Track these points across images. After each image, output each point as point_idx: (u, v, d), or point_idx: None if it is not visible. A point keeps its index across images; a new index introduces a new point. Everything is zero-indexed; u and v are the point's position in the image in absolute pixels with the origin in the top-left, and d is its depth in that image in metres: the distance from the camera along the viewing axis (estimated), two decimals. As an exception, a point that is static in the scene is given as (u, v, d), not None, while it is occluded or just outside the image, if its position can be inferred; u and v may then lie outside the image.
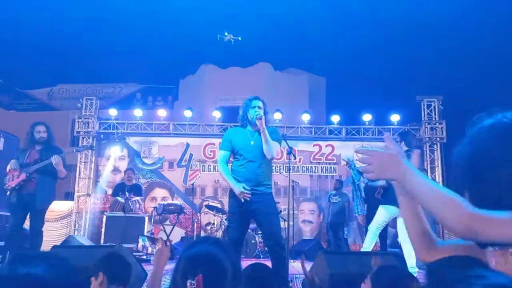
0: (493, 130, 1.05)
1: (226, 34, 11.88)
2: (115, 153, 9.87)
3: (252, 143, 3.71)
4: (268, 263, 4.01)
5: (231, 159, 3.82)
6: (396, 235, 8.23)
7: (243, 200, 3.49)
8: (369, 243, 5.17)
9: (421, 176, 1.06)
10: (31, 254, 1.28)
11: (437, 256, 1.13)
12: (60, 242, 7.02)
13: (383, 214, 5.17)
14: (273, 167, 9.70)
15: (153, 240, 6.76)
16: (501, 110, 1.08)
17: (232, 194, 3.67)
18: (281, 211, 7.44)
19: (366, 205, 6.83)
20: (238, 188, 3.50)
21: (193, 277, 1.18)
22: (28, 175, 4.74)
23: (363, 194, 6.87)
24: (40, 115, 13.81)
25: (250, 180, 3.59)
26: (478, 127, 1.10)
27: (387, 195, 5.15)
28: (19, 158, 4.89)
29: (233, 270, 1.25)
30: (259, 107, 3.74)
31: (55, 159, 4.70)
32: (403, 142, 5.32)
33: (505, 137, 1.02)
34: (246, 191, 3.49)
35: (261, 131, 3.64)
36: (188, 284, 1.18)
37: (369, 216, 6.14)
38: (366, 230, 7.82)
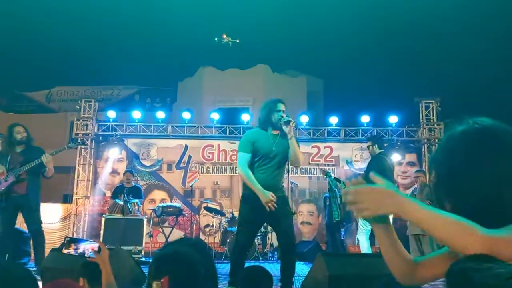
0: (465, 136, 1.03)
1: (224, 36, 11.92)
2: (113, 155, 9.87)
3: (274, 148, 3.55)
4: (266, 265, 4.01)
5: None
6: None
7: (268, 209, 3.34)
8: (365, 249, 5.21)
9: (422, 205, 0.99)
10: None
11: (424, 273, 1.10)
12: (59, 245, 7.00)
13: (362, 219, 5.23)
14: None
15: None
16: (472, 117, 1.07)
17: (247, 200, 3.50)
18: (294, 213, 7.47)
19: (344, 211, 7.00)
20: (266, 197, 3.32)
21: (159, 277, 1.15)
22: (17, 176, 4.72)
23: (338, 201, 7.03)
24: (39, 117, 13.82)
25: (270, 186, 3.44)
26: (449, 135, 1.07)
27: None
28: (1, 161, 4.84)
29: (205, 271, 1.21)
30: (283, 111, 3.61)
31: (46, 157, 4.70)
32: (376, 145, 5.44)
33: (477, 143, 1.00)
34: (273, 200, 3.33)
35: (290, 138, 3.52)
36: (154, 285, 1.16)
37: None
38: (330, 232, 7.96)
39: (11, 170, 4.76)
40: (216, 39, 12.06)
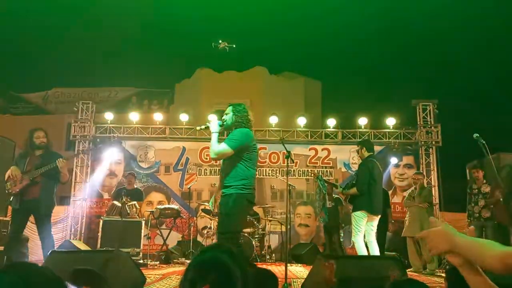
0: None
1: (220, 41, 11.96)
2: (111, 157, 9.85)
3: None
4: (265, 266, 4.02)
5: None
6: (391, 239, 8.28)
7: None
8: (362, 251, 5.24)
9: (475, 241, 1.16)
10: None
11: None
12: (57, 247, 6.98)
13: (354, 221, 5.42)
14: (270, 171, 9.77)
15: None
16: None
17: (243, 209, 3.73)
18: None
19: (328, 215, 7.16)
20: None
21: (201, 284, 1.15)
22: (32, 179, 4.75)
23: (327, 204, 7.11)
24: (36, 119, 13.78)
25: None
26: None
27: (355, 202, 5.44)
28: (18, 164, 4.89)
29: (242, 280, 1.21)
30: (226, 114, 4.16)
31: (60, 162, 4.73)
32: (364, 148, 5.57)
33: None
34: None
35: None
36: None
37: None
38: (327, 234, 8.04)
39: (26, 173, 4.79)
40: (213, 44, 12.08)
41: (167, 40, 15.37)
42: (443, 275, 5.27)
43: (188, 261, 7.44)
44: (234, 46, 12.40)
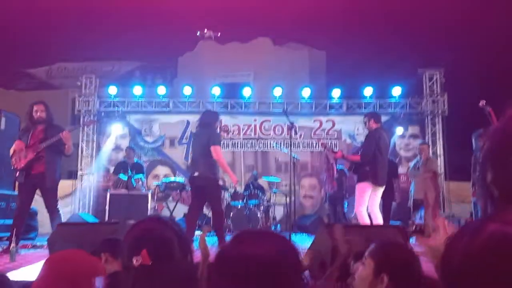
0: None
1: (206, 30, 11.95)
2: (116, 132, 9.89)
3: None
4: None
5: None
6: (397, 208, 8.32)
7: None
8: (365, 222, 5.27)
9: None
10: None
11: None
12: (66, 220, 7.10)
13: (357, 192, 5.41)
14: (274, 143, 9.77)
15: None
16: None
17: None
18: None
19: (336, 185, 7.05)
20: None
21: (137, 254, 1.23)
22: (36, 153, 4.78)
23: (335, 174, 7.03)
24: (40, 94, 13.76)
25: None
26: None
27: (359, 172, 5.40)
28: (22, 138, 4.91)
29: (178, 240, 1.30)
30: None
31: (65, 134, 4.73)
32: (372, 120, 5.49)
33: None
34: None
35: None
36: (135, 261, 1.22)
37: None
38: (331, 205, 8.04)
39: (30, 147, 4.81)
40: (198, 32, 12.05)
41: (169, 12, 15.12)
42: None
43: (195, 233, 7.55)
44: (218, 34, 12.35)
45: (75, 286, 1.45)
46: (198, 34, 11.59)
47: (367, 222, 5.24)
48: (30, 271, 3.47)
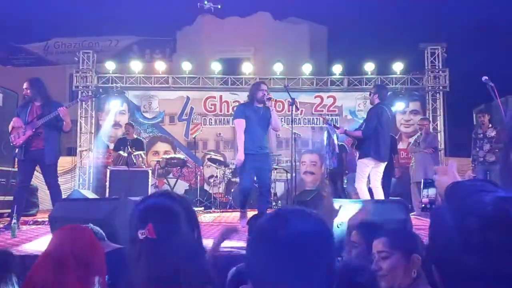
0: None
1: (206, 2, 11.74)
2: (115, 108, 9.82)
3: (259, 116, 4.99)
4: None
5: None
6: (397, 184, 8.34)
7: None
8: (365, 197, 5.29)
9: None
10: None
11: None
12: (66, 196, 7.13)
13: (359, 167, 5.45)
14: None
15: None
16: None
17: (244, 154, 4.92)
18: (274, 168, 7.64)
19: (337, 160, 7.02)
20: (240, 158, 4.93)
21: (143, 227, 1.23)
22: (34, 130, 4.75)
23: (336, 150, 6.97)
24: (37, 70, 13.62)
25: (256, 144, 4.90)
26: None
27: (361, 147, 5.40)
28: (20, 115, 4.88)
29: (185, 214, 1.31)
30: (266, 90, 5.02)
31: (62, 111, 4.70)
32: (377, 95, 5.44)
33: None
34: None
35: (272, 110, 5.03)
36: (140, 235, 1.23)
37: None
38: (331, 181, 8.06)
39: (29, 123, 4.78)
40: (198, 4, 11.83)
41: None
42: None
43: (196, 209, 7.61)
44: (219, 6, 12.16)
45: (79, 260, 1.52)
46: (198, 6, 11.38)
47: (367, 197, 5.26)
48: (31, 247, 3.48)
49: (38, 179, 6.23)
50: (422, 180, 1.92)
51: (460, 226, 0.77)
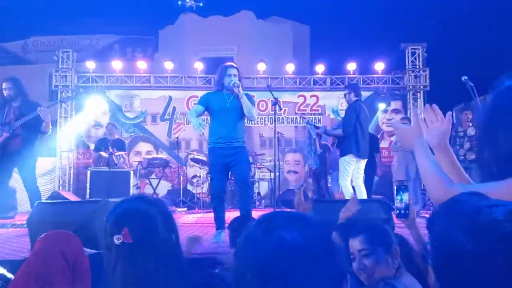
0: (509, 91, 1.10)
1: (187, 0, 11.65)
2: (96, 108, 9.66)
3: (227, 105, 4.34)
4: (253, 213, 4.06)
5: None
6: (379, 183, 8.43)
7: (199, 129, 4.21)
8: (349, 195, 5.33)
9: (425, 154, 1.33)
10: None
11: None
12: (45, 198, 6.98)
13: (341, 165, 5.55)
14: (258, 119, 9.70)
15: None
16: None
17: (211, 150, 4.32)
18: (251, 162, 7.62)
19: (319, 160, 7.09)
20: (195, 122, 4.21)
21: (119, 232, 1.21)
22: (12, 131, 4.63)
23: (318, 150, 7.03)
24: (16, 69, 13.30)
25: (225, 136, 4.24)
26: (498, 90, 1.16)
27: (342, 145, 5.52)
28: None
29: (162, 217, 1.29)
30: (234, 75, 4.38)
31: (42, 111, 4.59)
32: (353, 93, 5.61)
33: None
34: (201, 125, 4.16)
35: (240, 97, 4.25)
36: (116, 240, 1.20)
37: None
38: (315, 180, 8.14)
39: (5, 124, 4.65)
40: (179, 2, 11.70)
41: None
42: (427, 215, 5.41)
43: (179, 210, 7.54)
44: (201, 4, 12.10)
45: (66, 262, 1.56)
46: (179, 3, 11.26)
47: (351, 193, 5.31)
48: (9, 250, 3.39)
49: (16, 181, 6.08)
50: (395, 186, 1.98)
51: (480, 251, 0.72)
